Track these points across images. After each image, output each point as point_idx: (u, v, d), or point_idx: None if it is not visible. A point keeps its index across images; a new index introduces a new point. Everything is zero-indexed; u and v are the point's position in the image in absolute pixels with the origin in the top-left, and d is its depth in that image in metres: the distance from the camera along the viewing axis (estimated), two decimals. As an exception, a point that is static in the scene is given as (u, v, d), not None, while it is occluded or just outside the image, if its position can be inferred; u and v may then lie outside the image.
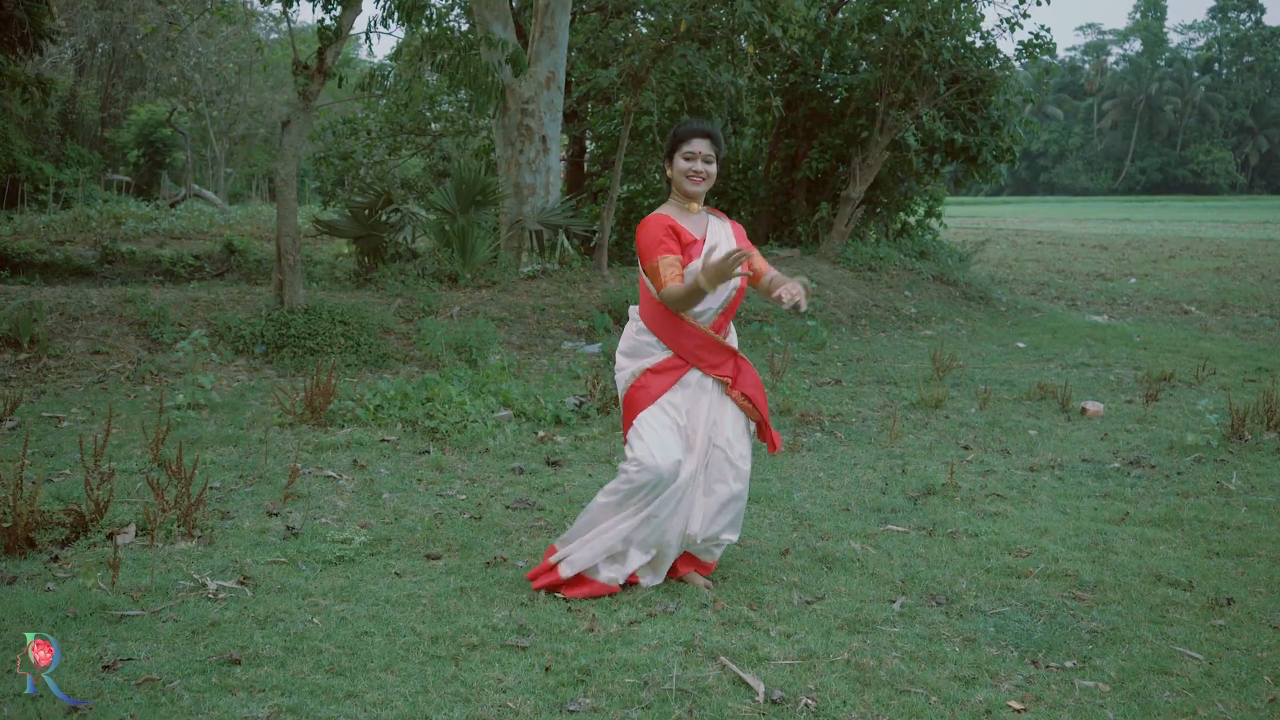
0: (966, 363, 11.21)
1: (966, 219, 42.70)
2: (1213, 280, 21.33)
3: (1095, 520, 5.80)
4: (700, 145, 4.66)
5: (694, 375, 4.70)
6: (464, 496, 6.21)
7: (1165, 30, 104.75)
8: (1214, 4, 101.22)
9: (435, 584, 4.76)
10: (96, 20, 33.33)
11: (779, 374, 9.56)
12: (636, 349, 4.76)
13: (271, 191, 40.67)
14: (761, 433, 4.88)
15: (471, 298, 12.16)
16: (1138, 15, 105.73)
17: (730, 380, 4.73)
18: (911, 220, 18.77)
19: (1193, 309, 16.90)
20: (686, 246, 4.66)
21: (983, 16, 15.15)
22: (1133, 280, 21.43)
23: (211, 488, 6.20)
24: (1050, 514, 5.93)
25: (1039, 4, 14.99)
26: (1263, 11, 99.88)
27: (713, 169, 4.70)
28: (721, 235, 4.77)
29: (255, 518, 5.69)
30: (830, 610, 4.49)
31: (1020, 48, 15.78)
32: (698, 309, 4.65)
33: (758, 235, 18.02)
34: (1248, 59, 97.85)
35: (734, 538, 4.84)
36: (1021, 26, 15.37)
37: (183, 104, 38.76)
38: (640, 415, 4.65)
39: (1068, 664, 4.00)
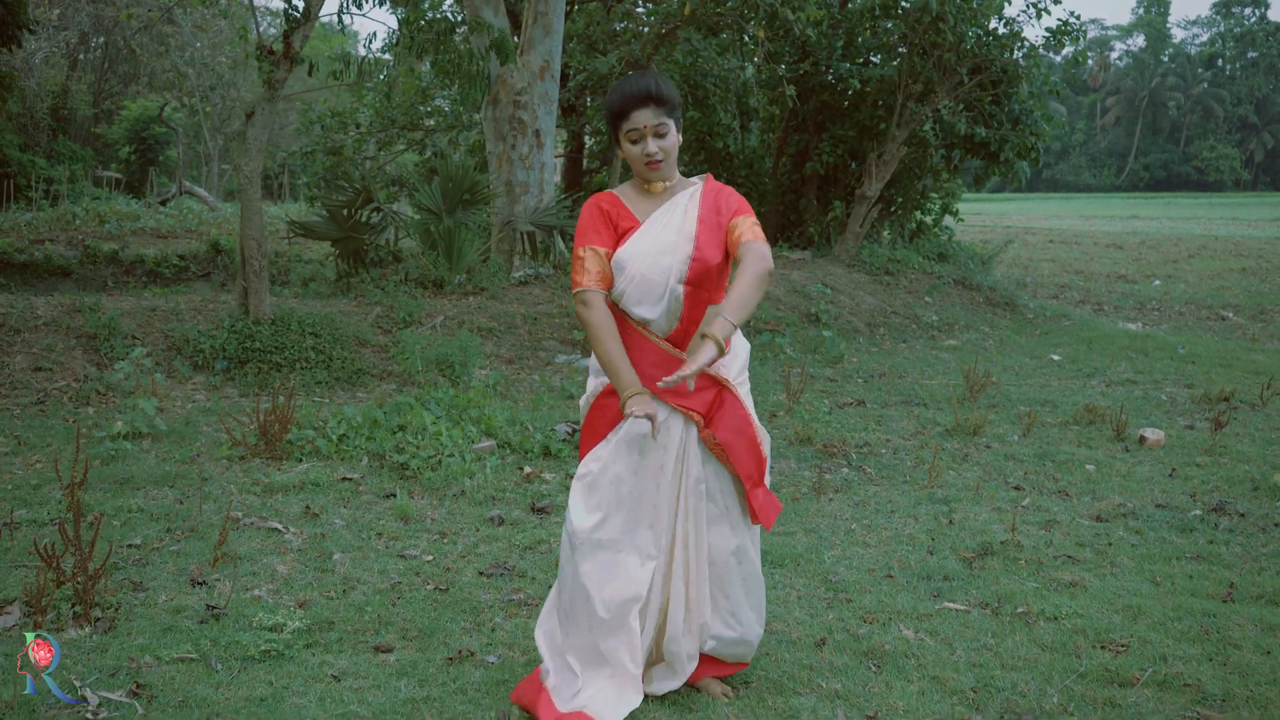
0: (1000, 378, 10.17)
1: (972, 216, 41.51)
2: (1240, 282, 20.30)
3: (1196, 595, 4.76)
4: (643, 117, 3.46)
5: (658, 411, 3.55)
6: (430, 558, 5.18)
7: (1168, 26, 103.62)
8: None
9: (380, 692, 3.75)
10: (89, 14, 32.43)
11: (796, 395, 8.54)
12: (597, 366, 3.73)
13: (266, 188, 39.75)
14: (755, 495, 3.64)
15: (457, 306, 11.15)
16: (1140, 11, 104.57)
17: (704, 418, 3.57)
18: (928, 220, 17.70)
19: (1229, 314, 15.86)
20: (622, 234, 3.57)
21: (1008, 0, 14.07)
22: (1157, 282, 20.40)
23: (130, 546, 5.20)
24: (1138, 585, 4.89)
25: (1070, -13, 13.89)
26: (1267, 7, 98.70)
27: (669, 141, 3.52)
28: (676, 214, 3.57)
29: (174, 589, 4.67)
30: (888, 739, 3.47)
31: (1048, 34, 14.70)
32: (645, 317, 3.55)
33: (766, 236, 16.96)
34: (1251, 55, 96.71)
35: (751, 631, 3.74)
36: (1048, 12, 14.29)
37: (177, 99, 37.80)
38: (591, 451, 3.62)
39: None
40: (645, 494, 3.55)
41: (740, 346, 3.75)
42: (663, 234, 3.53)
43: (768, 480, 3.69)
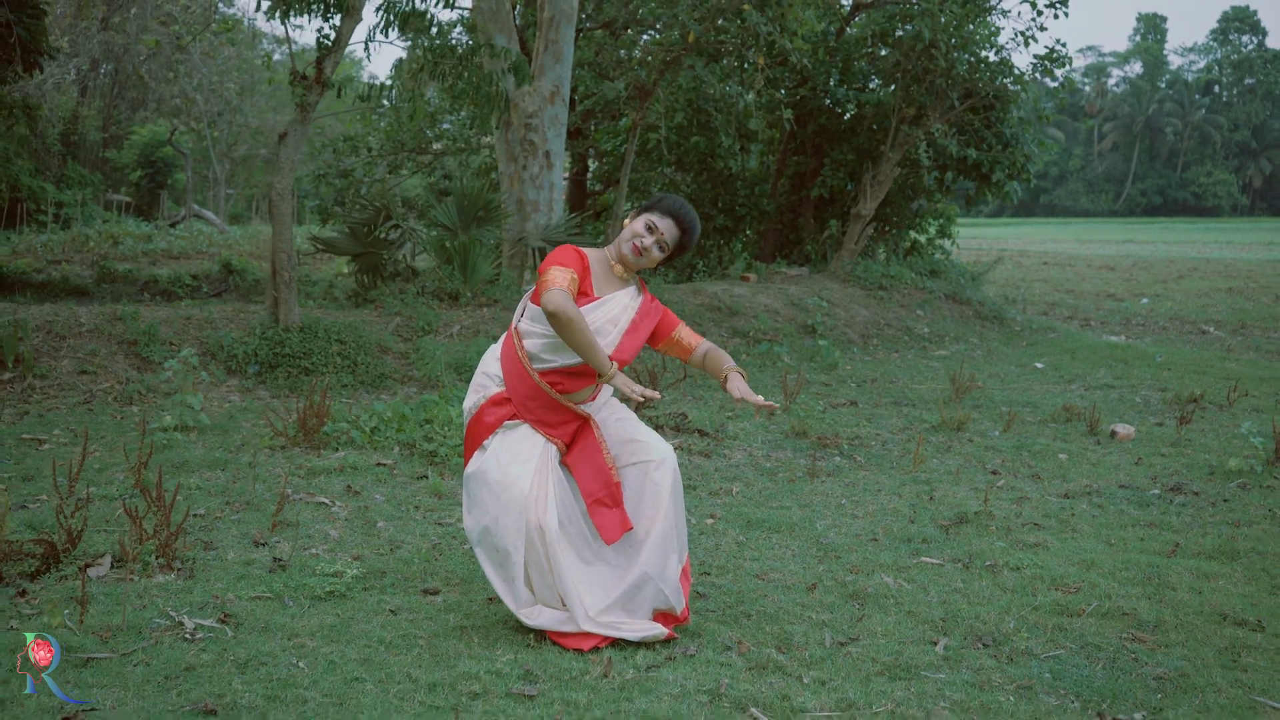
0: (985, 383, 10.81)
1: (968, 239, 42.20)
2: (1226, 300, 20.94)
3: (1144, 552, 5.40)
4: (667, 227, 4.18)
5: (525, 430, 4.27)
6: (465, 525, 5.81)
7: (1165, 52, 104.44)
8: (1215, 26, 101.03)
9: (433, 622, 4.36)
10: (99, 41, 33.11)
11: (792, 395, 9.17)
12: (478, 384, 4.37)
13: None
14: (596, 513, 4.21)
15: (472, 316, 11.79)
16: (1138, 37, 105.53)
17: (566, 447, 4.29)
18: (922, 239, 18.37)
19: (1210, 329, 16.52)
20: (579, 295, 4.17)
21: (998, 30, 14.76)
22: (1145, 300, 21.05)
23: (195, 515, 5.81)
24: (1094, 545, 5.53)
25: (1055, 17, 14.64)
26: (1265, 34, 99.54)
27: (658, 255, 4.21)
28: (618, 308, 4.25)
29: (240, 548, 5.29)
30: (867, 653, 4.09)
31: (1036, 61, 15.40)
32: (549, 364, 4.21)
33: (764, 254, 17.65)
34: (1249, 81, 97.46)
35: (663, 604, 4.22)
36: (1036, 40, 15.01)
37: (185, 125, 38.51)
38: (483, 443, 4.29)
39: (1137, 716, 3.60)
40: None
41: (607, 390, 4.46)
42: (604, 318, 4.20)
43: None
